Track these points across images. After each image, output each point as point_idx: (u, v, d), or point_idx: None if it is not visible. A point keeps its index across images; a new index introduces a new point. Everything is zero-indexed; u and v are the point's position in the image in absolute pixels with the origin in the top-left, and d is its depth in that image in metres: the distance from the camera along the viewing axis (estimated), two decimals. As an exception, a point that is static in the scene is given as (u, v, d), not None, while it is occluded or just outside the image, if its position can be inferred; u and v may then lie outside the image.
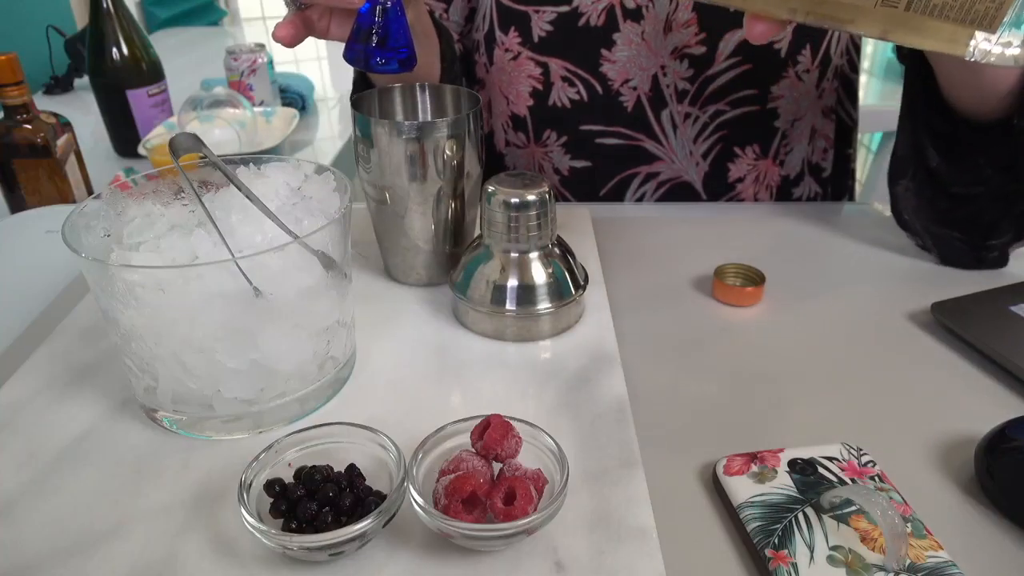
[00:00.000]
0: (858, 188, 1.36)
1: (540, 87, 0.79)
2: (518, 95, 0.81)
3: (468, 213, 0.61)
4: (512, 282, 0.55)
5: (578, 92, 0.78)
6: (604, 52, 0.76)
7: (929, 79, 0.62)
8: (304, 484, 0.39)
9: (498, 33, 0.79)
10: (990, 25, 0.37)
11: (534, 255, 0.55)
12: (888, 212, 0.73)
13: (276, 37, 0.55)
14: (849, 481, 0.42)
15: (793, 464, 0.43)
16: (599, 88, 0.77)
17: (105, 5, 1.04)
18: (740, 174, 0.81)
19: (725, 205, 0.81)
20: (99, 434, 0.47)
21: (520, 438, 0.41)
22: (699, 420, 0.50)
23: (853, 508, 0.40)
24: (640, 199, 0.83)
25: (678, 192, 0.82)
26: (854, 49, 0.80)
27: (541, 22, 0.76)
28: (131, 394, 0.50)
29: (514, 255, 0.55)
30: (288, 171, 0.51)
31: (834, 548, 0.38)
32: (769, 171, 0.81)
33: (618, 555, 0.38)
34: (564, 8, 0.75)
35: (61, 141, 0.83)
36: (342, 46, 0.54)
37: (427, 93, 0.63)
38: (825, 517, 0.40)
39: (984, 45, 0.38)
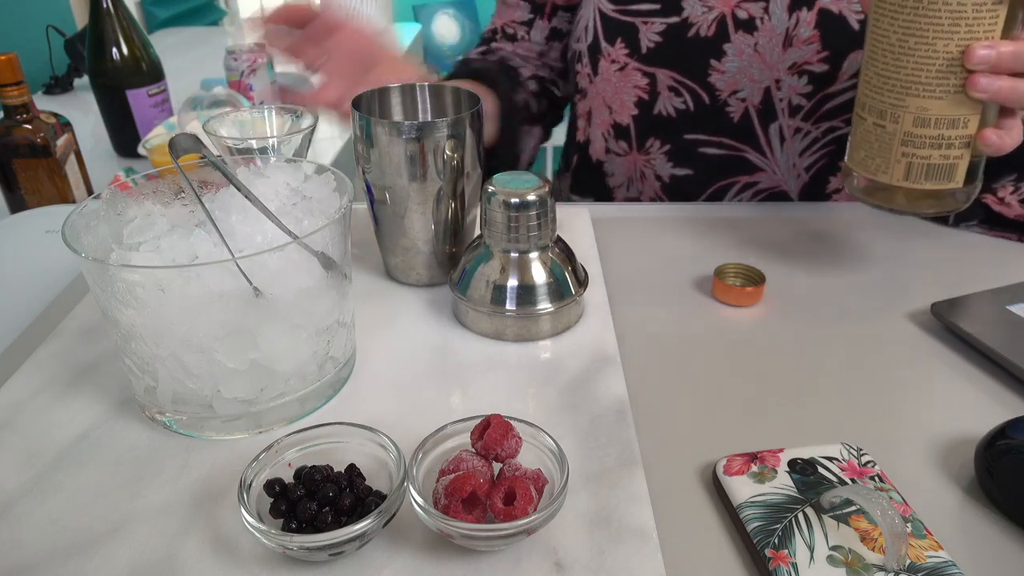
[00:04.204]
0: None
1: (646, 97, 0.78)
2: (622, 105, 0.80)
3: (468, 213, 0.61)
4: (512, 282, 0.55)
5: (684, 102, 0.77)
6: (713, 62, 0.75)
7: None
8: (304, 484, 0.39)
9: (603, 44, 0.78)
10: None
11: (534, 255, 0.55)
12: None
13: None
14: (849, 481, 0.42)
15: (793, 464, 0.43)
16: (706, 98, 0.76)
17: (105, 5, 1.04)
18: (839, 185, 0.80)
19: (725, 205, 0.81)
20: (99, 434, 0.47)
21: (520, 438, 0.41)
22: (699, 420, 0.50)
23: (853, 508, 0.40)
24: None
25: (772, 199, 0.81)
26: None
27: (649, 33, 0.75)
28: (131, 394, 0.50)
29: (514, 255, 0.55)
30: (288, 171, 0.51)
31: (834, 548, 0.38)
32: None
33: (618, 555, 0.38)
34: (674, 19, 0.74)
35: (61, 141, 0.83)
36: None
37: (427, 93, 0.63)
38: (825, 517, 0.40)
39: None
